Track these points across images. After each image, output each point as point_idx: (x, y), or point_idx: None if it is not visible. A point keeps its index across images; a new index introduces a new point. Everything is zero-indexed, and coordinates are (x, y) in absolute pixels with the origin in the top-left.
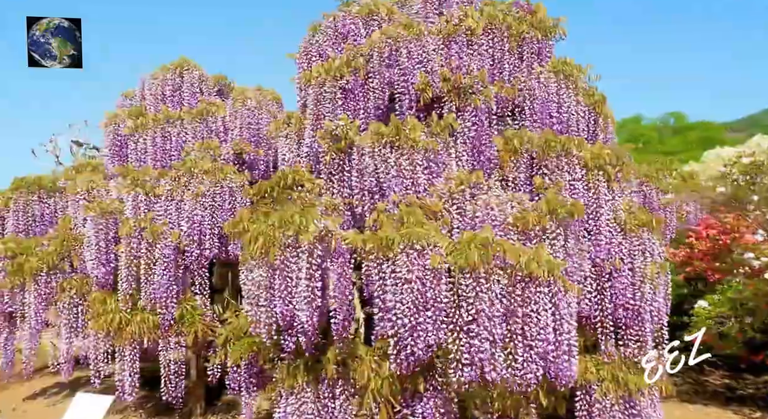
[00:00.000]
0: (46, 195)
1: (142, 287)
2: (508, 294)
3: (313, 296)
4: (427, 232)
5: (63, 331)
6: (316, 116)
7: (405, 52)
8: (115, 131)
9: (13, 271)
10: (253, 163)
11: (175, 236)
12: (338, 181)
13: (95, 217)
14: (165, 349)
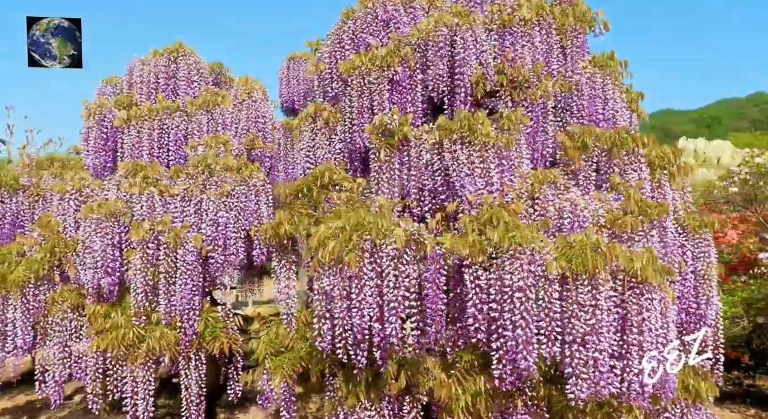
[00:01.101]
0: (7, 194)
1: (161, 298)
2: (621, 302)
3: (403, 307)
4: (535, 235)
5: (54, 350)
6: (358, 109)
7: (461, 41)
8: (100, 122)
9: None
10: (261, 159)
11: (198, 240)
12: (388, 180)
13: (99, 220)
14: (187, 368)
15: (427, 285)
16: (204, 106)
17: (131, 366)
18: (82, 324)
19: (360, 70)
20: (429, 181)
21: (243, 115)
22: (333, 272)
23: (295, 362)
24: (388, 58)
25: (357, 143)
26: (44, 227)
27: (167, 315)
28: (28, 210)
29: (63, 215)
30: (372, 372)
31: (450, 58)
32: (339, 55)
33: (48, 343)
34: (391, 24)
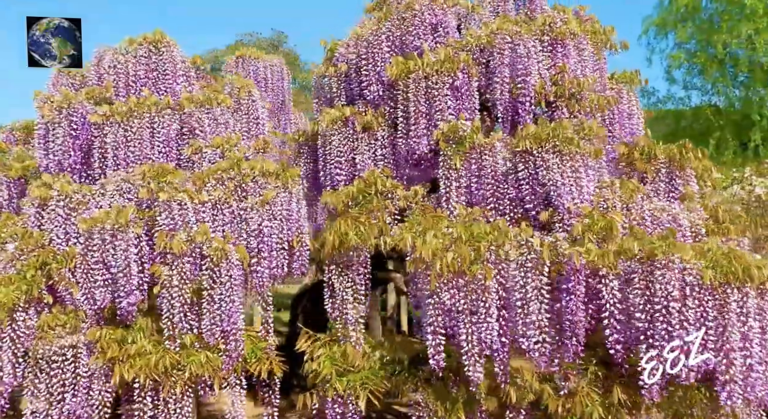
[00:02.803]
0: None
1: (204, 318)
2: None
3: (542, 319)
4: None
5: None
6: (415, 114)
7: (524, 50)
8: (68, 117)
9: None
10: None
11: (242, 252)
12: (457, 188)
13: (114, 231)
14: (233, 395)
15: (566, 297)
16: (207, 103)
17: (166, 396)
18: (81, 352)
19: (417, 74)
20: (512, 189)
21: (243, 115)
22: (453, 285)
23: (378, 381)
24: (448, 64)
25: (414, 149)
26: (24, 240)
27: (212, 337)
28: None
29: (46, 226)
30: (466, 387)
31: (511, 66)
32: (376, 58)
33: (40, 376)
34: (439, 28)
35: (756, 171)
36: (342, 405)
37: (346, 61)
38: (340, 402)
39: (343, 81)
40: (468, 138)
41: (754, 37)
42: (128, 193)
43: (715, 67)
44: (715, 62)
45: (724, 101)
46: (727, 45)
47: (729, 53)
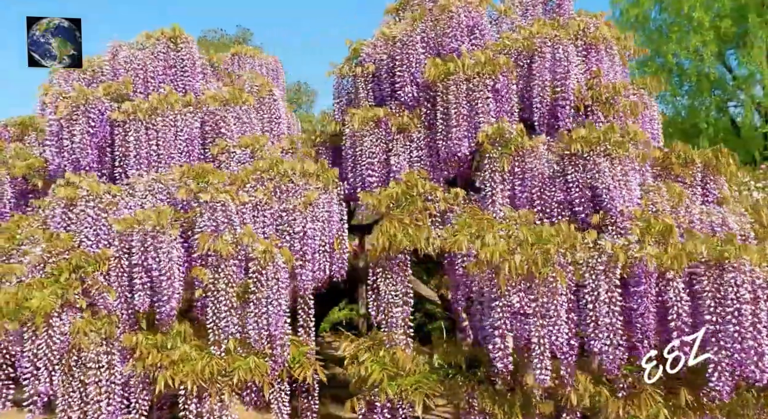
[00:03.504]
0: None
1: (250, 322)
2: None
3: (616, 322)
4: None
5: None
6: (456, 116)
7: (563, 54)
8: (85, 115)
9: (9, 313)
10: None
11: (287, 255)
12: (502, 191)
13: (156, 232)
14: (278, 402)
15: (637, 300)
16: (232, 101)
17: (213, 403)
18: (115, 358)
19: (458, 76)
20: (560, 192)
21: (264, 114)
22: (521, 287)
23: (431, 385)
24: (489, 66)
25: (455, 151)
26: (52, 241)
27: (258, 342)
28: None
29: (72, 227)
30: (521, 391)
31: (551, 70)
32: (411, 58)
33: (73, 384)
34: (475, 30)
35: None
36: (391, 410)
37: (373, 61)
38: (390, 407)
39: (371, 81)
40: (513, 141)
41: (701, 49)
42: (160, 193)
43: (664, 76)
44: (664, 72)
45: (671, 110)
46: (676, 55)
47: (676, 63)
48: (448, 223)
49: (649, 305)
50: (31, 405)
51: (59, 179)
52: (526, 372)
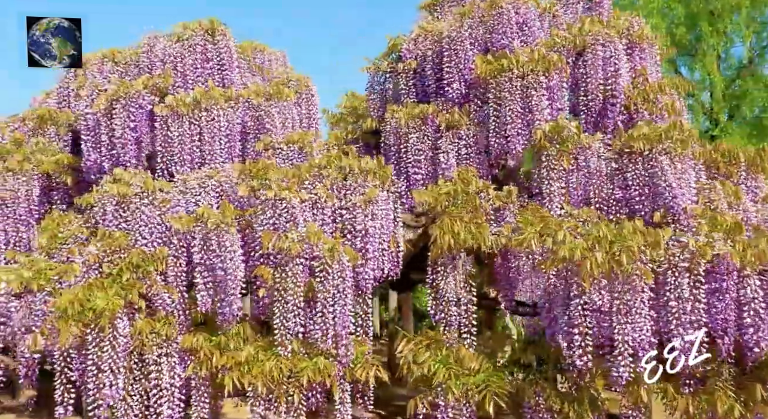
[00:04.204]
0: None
1: (315, 321)
2: None
3: (700, 319)
4: None
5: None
6: (511, 113)
7: (615, 52)
8: (126, 109)
9: (75, 314)
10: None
11: (349, 253)
12: (559, 188)
13: (220, 230)
14: (342, 403)
15: (718, 296)
16: (276, 96)
17: (282, 404)
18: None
19: (512, 73)
20: (618, 190)
21: (303, 110)
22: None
23: (500, 383)
24: (542, 64)
25: (509, 148)
26: (106, 240)
27: (324, 342)
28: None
29: (124, 225)
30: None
31: (603, 68)
32: (459, 55)
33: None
34: (524, 27)
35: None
36: (456, 410)
37: (414, 57)
38: (455, 407)
39: (412, 78)
40: (572, 138)
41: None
42: (213, 190)
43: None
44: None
45: None
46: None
47: None
48: (502, 221)
49: (731, 302)
50: (96, 409)
51: (107, 175)
52: (598, 370)
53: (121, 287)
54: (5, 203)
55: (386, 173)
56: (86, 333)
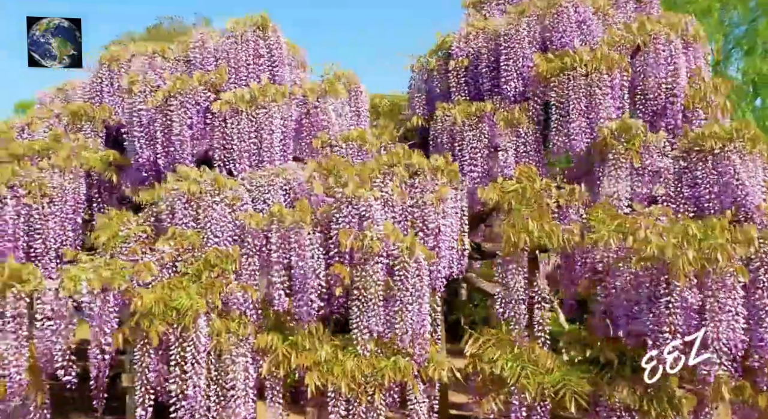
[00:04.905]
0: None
1: (395, 321)
2: None
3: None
4: None
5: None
6: (576, 111)
7: (674, 51)
8: (183, 106)
9: (160, 314)
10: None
11: (424, 251)
12: (624, 187)
13: (297, 228)
14: (418, 402)
15: None
16: (331, 93)
17: (363, 404)
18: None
19: (575, 71)
20: (686, 188)
21: (352, 108)
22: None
23: (578, 382)
24: (605, 62)
25: (573, 146)
26: (178, 239)
27: (402, 341)
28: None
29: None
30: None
31: (665, 67)
32: (517, 53)
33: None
34: (583, 26)
35: None
36: (529, 409)
37: (465, 55)
38: (529, 406)
39: (463, 75)
40: (638, 136)
41: None
42: (282, 188)
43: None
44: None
45: None
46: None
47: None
48: (565, 220)
49: None
50: (177, 411)
51: (169, 172)
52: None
53: (202, 286)
54: (53, 201)
55: (454, 170)
56: (168, 333)
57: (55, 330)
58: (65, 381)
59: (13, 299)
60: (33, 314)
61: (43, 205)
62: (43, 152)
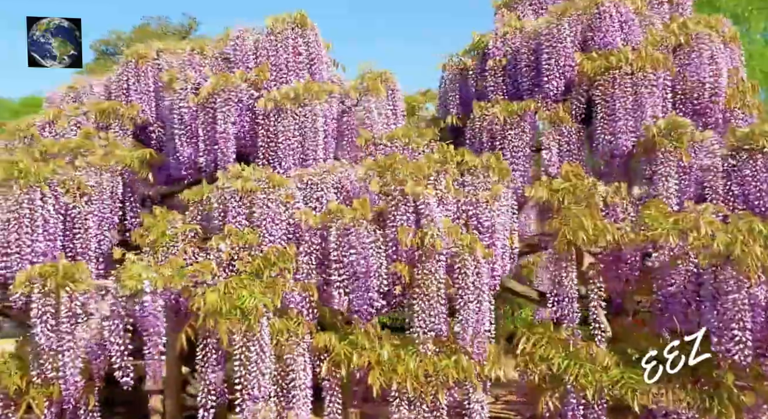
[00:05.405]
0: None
1: (457, 319)
2: None
3: None
4: None
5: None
6: (623, 110)
7: (716, 51)
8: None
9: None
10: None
11: (483, 250)
12: (675, 185)
13: (358, 225)
14: (479, 401)
15: None
16: (374, 91)
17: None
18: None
19: (621, 70)
20: (736, 186)
21: (389, 106)
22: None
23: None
24: (650, 61)
25: (619, 145)
26: (233, 238)
27: (463, 340)
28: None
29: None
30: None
31: (709, 66)
32: (560, 52)
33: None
34: (625, 25)
35: None
36: (587, 408)
37: (503, 54)
38: (585, 405)
39: (501, 75)
40: (686, 134)
41: None
42: (333, 186)
43: None
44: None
45: None
46: None
47: None
48: (612, 218)
49: None
50: (242, 412)
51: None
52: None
53: (264, 285)
54: (91, 200)
55: (505, 168)
56: (232, 333)
57: (112, 330)
58: (123, 382)
59: (68, 299)
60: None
61: (82, 204)
62: (76, 150)
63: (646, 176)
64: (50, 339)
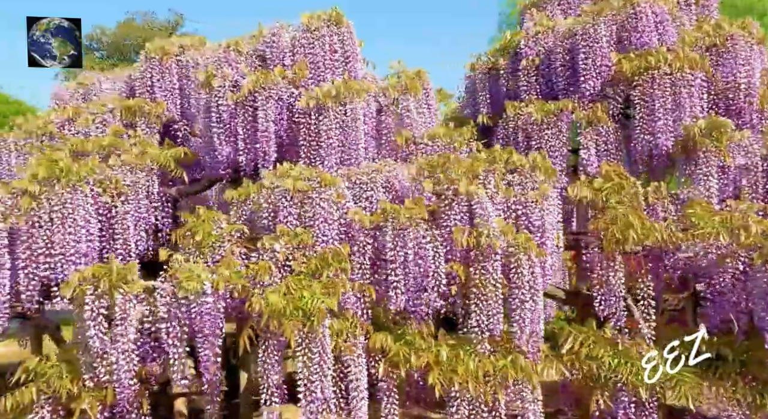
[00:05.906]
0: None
1: (513, 319)
2: None
3: None
4: None
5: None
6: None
7: (750, 52)
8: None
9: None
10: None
11: (534, 248)
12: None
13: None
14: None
15: None
16: (412, 90)
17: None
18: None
19: (660, 70)
20: None
21: (424, 105)
22: None
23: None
24: (688, 61)
25: (659, 145)
26: (288, 238)
27: (520, 339)
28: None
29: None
30: None
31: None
32: (596, 52)
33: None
34: (660, 26)
35: None
36: (638, 406)
37: (536, 54)
38: (636, 403)
39: (534, 74)
40: (725, 134)
41: None
42: (382, 185)
43: None
44: None
45: None
46: None
47: None
48: (653, 217)
49: None
50: (306, 413)
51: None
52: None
53: (323, 285)
54: (128, 200)
55: (551, 168)
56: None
57: (169, 332)
58: (181, 385)
59: (122, 301)
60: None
61: (119, 203)
62: (108, 149)
63: (686, 174)
64: (104, 342)
